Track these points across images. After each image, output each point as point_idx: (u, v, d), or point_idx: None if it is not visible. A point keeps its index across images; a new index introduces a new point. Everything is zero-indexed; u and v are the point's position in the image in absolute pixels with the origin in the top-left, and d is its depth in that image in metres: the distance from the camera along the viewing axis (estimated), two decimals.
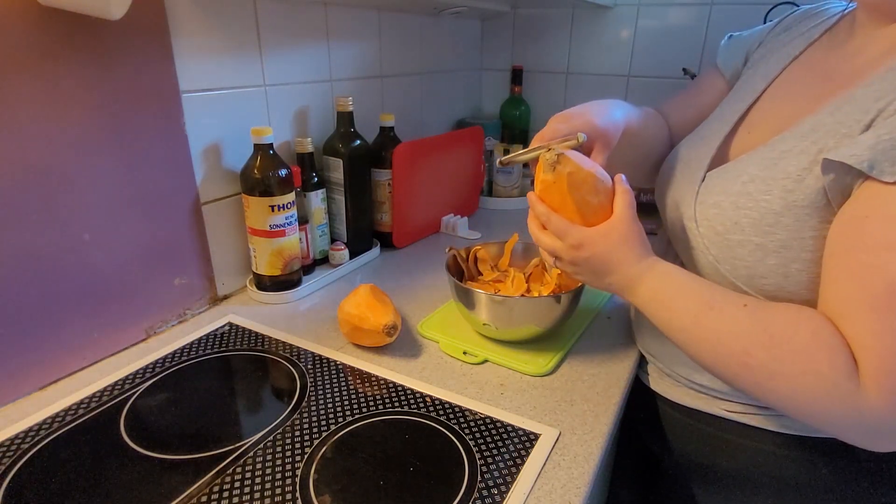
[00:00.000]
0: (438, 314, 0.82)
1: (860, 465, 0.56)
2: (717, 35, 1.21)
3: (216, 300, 0.85)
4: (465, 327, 0.78)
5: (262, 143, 0.79)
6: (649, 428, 0.72)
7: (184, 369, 0.69)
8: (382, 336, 0.70)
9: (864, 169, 0.43)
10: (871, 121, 0.46)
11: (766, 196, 0.51)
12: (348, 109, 0.93)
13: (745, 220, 0.53)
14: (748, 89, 0.65)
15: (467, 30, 1.43)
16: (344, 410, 0.62)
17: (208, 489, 0.51)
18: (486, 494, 0.51)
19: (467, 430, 0.59)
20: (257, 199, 0.79)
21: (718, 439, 0.62)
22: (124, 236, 0.70)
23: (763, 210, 0.51)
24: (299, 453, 0.55)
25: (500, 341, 0.74)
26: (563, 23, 1.38)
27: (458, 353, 0.72)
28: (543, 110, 1.47)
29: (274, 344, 0.74)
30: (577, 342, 0.76)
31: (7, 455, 0.55)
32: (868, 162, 0.43)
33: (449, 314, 0.82)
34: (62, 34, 0.59)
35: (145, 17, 0.66)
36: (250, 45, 0.83)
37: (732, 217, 0.54)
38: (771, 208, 0.51)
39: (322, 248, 0.96)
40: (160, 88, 0.70)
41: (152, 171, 0.71)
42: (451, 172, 1.17)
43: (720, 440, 0.62)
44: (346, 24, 1.01)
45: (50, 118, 0.60)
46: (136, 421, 0.60)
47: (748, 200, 0.53)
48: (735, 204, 0.54)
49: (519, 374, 0.69)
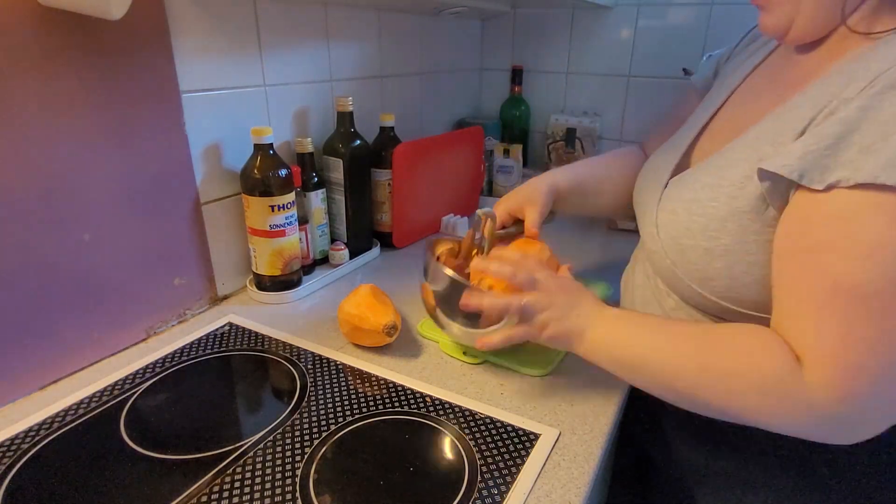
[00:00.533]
0: None
1: (858, 464, 0.56)
2: (717, 35, 1.21)
3: (216, 300, 0.85)
4: None
5: (262, 143, 0.79)
6: (647, 427, 0.72)
7: (184, 369, 0.69)
8: (382, 336, 0.70)
9: (795, 178, 0.45)
10: (804, 129, 0.48)
11: (713, 203, 0.54)
12: (348, 109, 0.93)
13: (695, 226, 0.55)
14: (713, 99, 0.68)
15: (467, 30, 1.43)
16: (344, 410, 0.62)
17: (208, 489, 0.51)
18: (486, 494, 0.51)
19: (467, 430, 0.59)
20: (257, 199, 0.79)
21: (716, 439, 0.62)
22: (124, 236, 0.70)
23: (710, 216, 0.54)
24: (299, 453, 0.55)
25: None
26: (563, 23, 1.38)
27: (458, 353, 0.72)
28: (543, 110, 1.47)
29: (274, 344, 0.74)
30: None
31: (7, 455, 0.55)
32: (798, 171, 0.45)
33: None
34: (62, 34, 0.59)
35: (145, 17, 0.66)
36: (250, 45, 0.83)
37: (685, 223, 0.57)
38: (717, 214, 0.53)
39: (322, 248, 0.96)
40: (160, 88, 0.70)
41: (152, 170, 0.71)
42: (451, 172, 1.17)
43: (718, 440, 0.62)
44: (346, 24, 1.01)
45: (50, 118, 0.60)
46: (136, 421, 0.60)
47: (698, 207, 0.56)
48: (688, 210, 0.57)
49: (519, 374, 0.69)
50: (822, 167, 0.44)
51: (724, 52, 0.78)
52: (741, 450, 0.61)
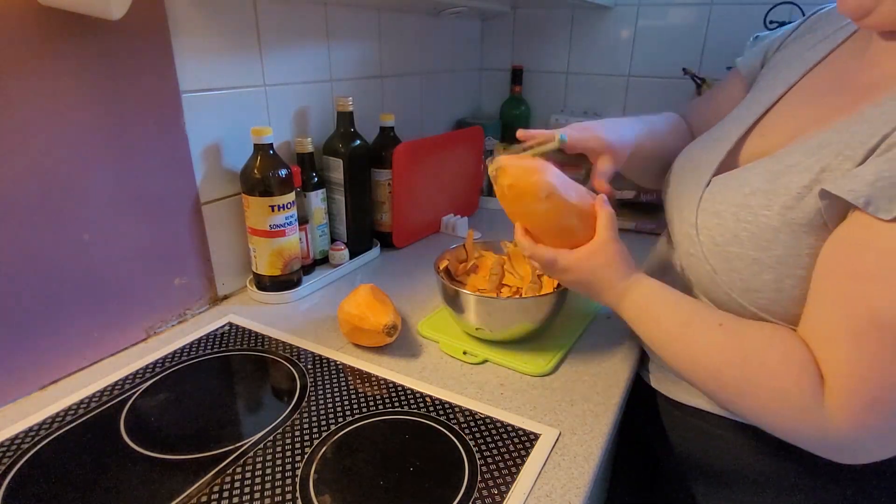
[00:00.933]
0: (438, 314, 0.82)
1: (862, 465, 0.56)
2: (717, 35, 1.21)
3: (216, 300, 0.85)
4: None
5: (262, 143, 0.79)
6: (650, 426, 0.72)
7: (184, 369, 0.69)
8: (382, 336, 0.70)
9: (861, 205, 0.43)
10: (876, 145, 0.45)
11: (766, 211, 0.51)
12: (348, 109, 0.93)
13: (744, 234, 0.52)
14: (767, 93, 0.63)
15: (467, 30, 1.43)
16: (344, 410, 0.62)
17: (208, 489, 0.51)
18: (486, 494, 0.51)
19: (467, 430, 0.59)
20: (257, 199, 0.79)
21: (718, 438, 0.62)
22: (124, 236, 0.70)
23: (762, 225, 0.51)
24: (299, 453, 0.55)
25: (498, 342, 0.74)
26: (563, 23, 1.38)
27: (458, 353, 0.72)
28: (543, 110, 1.47)
29: (274, 344, 0.74)
30: (577, 342, 0.76)
31: (7, 455, 0.55)
32: (865, 198, 0.43)
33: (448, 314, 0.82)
34: (62, 34, 0.59)
35: (145, 17, 0.66)
36: (250, 46, 0.83)
37: (732, 229, 0.53)
38: (770, 224, 0.50)
39: (322, 248, 0.96)
40: (160, 88, 0.70)
41: (152, 170, 0.71)
42: (451, 172, 1.17)
43: (720, 438, 0.62)
44: (346, 24, 1.01)
45: (50, 118, 0.60)
46: (136, 421, 0.60)
47: (748, 213, 0.52)
48: (735, 216, 0.53)
49: (519, 374, 0.69)
50: (892, 197, 0.41)
51: (773, 39, 0.70)
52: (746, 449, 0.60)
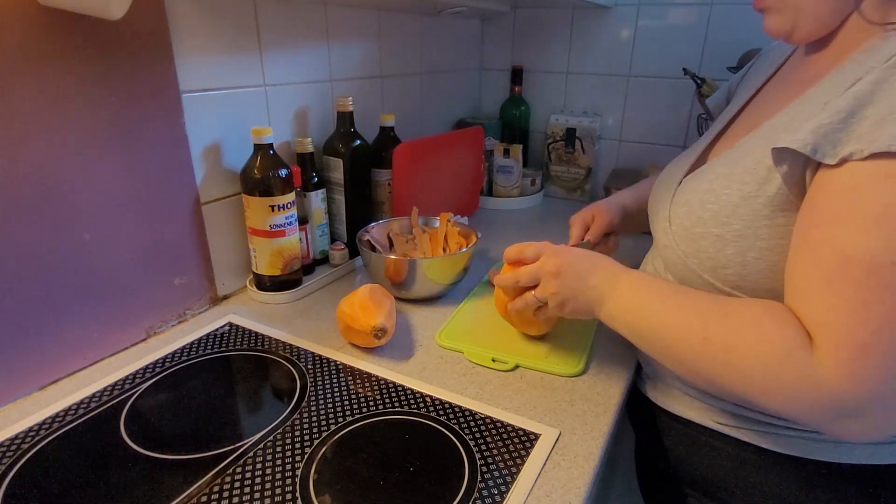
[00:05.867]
0: (455, 320, 0.80)
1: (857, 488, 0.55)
2: (717, 35, 1.21)
3: (216, 300, 0.85)
4: (490, 332, 0.76)
5: (262, 143, 0.79)
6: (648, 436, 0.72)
7: (184, 369, 0.69)
8: (371, 337, 0.70)
9: (808, 152, 0.44)
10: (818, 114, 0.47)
11: (727, 190, 0.54)
12: (348, 109, 0.93)
13: (707, 214, 0.56)
14: (730, 110, 0.70)
15: (467, 30, 1.43)
16: (344, 410, 0.62)
17: (208, 489, 0.51)
18: (486, 494, 0.51)
19: (467, 430, 0.59)
20: (257, 199, 0.79)
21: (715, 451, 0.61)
22: (124, 236, 0.70)
23: (723, 203, 0.54)
24: (299, 453, 0.55)
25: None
26: (563, 23, 1.38)
27: (487, 361, 0.70)
28: (543, 110, 1.47)
29: (274, 344, 0.74)
30: None
31: (7, 455, 0.55)
32: (811, 146, 0.44)
33: (466, 318, 0.80)
34: (62, 34, 0.59)
35: (145, 17, 0.66)
36: (250, 46, 0.83)
37: (698, 212, 0.57)
38: (730, 201, 0.54)
39: (322, 248, 0.96)
40: (160, 88, 0.70)
41: (152, 170, 0.71)
42: (451, 172, 1.17)
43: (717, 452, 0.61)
44: (346, 24, 1.01)
45: (50, 118, 0.60)
46: (137, 421, 0.60)
47: (711, 196, 0.56)
48: (701, 200, 0.57)
49: (518, 373, 0.69)
50: (835, 141, 0.43)
51: (736, 76, 0.80)
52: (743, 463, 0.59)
